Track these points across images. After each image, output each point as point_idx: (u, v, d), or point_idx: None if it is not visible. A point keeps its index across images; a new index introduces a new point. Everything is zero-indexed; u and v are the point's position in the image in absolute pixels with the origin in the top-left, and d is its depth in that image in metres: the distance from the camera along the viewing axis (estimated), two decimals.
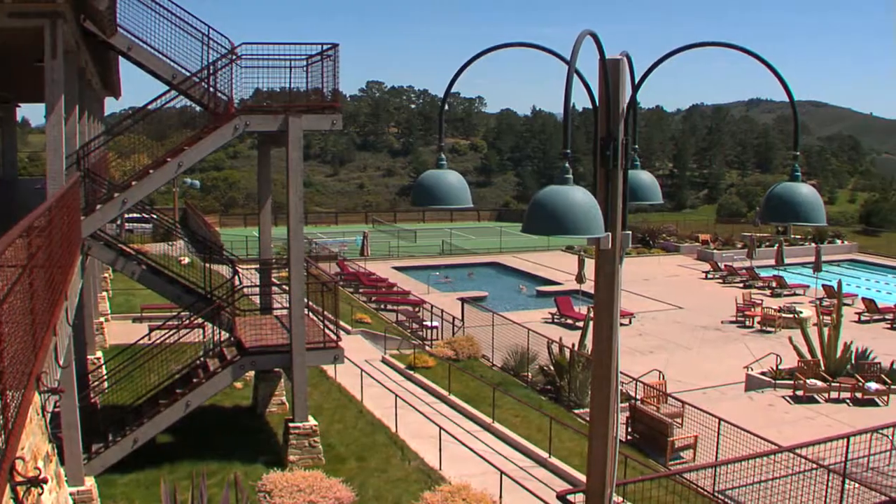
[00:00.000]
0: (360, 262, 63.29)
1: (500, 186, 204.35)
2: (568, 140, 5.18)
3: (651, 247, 79.02)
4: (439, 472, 23.75)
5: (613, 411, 6.41)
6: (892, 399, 32.82)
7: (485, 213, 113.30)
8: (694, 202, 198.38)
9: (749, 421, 27.22)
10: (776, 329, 47.15)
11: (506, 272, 68.64)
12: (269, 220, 28.64)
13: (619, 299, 6.25)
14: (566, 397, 32.37)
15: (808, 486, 20.73)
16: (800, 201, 5.59)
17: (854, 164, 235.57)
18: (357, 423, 27.89)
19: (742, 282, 63.28)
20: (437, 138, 6.75)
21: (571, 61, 5.29)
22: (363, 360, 35.57)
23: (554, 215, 4.94)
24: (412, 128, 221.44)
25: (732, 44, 6.00)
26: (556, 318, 48.91)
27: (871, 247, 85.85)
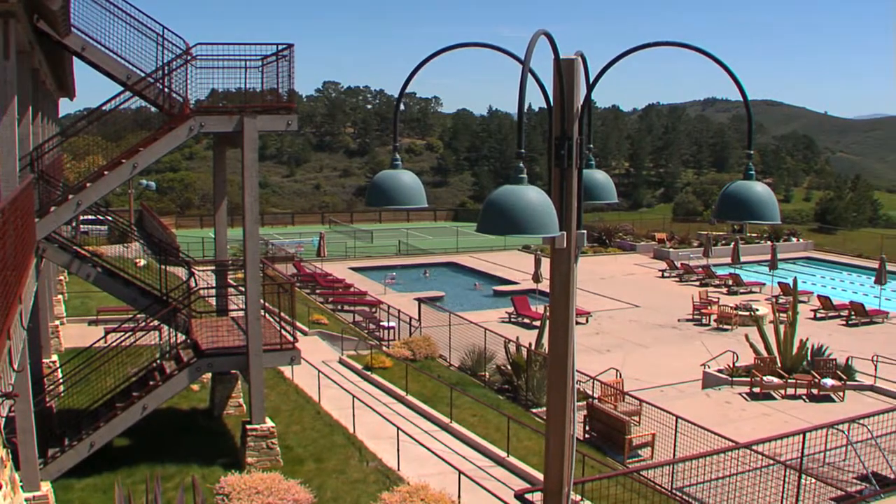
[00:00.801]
0: (316, 263, 63.18)
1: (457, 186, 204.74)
2: (522, 140, 5.19)
3: (607, 246, 79.16)
4: (398, 473, 23.75)
5: (570, 410, 6.42)
6: (847, 395, 33.06)
7: (441, 213, 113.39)
8: (650, 201, 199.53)
9: (706, 418, 27.37)
10: (732, 327, 47.37)
11: (463, 272, 68.64)
12: (224, 222, 28.54)
13: (574, 298, 6.26)
14: (524, 396, 32.43)
15: (765, 482, 20.87)
16: (754, 200, 5.61)
17: (809, 163, 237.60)
18: (315, 424, 27.85)
19: (698, 280, 63.50)
20: (393, 138, 6.75)
21: (525, 61, 5.29)
22: (320, 361, 35.54)
23: (508, 215, 4.94)
24: (368, 128, 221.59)
25: (687, 43, 6.02)
26: (513, 317, 48.96)
27: (827, 244, 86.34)
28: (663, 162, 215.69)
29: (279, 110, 23.92)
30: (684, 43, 6.02)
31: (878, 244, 79.73)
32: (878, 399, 32.36)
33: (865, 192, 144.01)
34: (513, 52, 5.97)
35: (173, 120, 23.34)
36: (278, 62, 24.20)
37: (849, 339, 45.09)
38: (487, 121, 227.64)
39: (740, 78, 5.75)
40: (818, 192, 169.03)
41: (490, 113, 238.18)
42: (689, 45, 6.00)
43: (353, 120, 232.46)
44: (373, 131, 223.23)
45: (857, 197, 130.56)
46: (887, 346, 41.80)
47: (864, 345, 41.91)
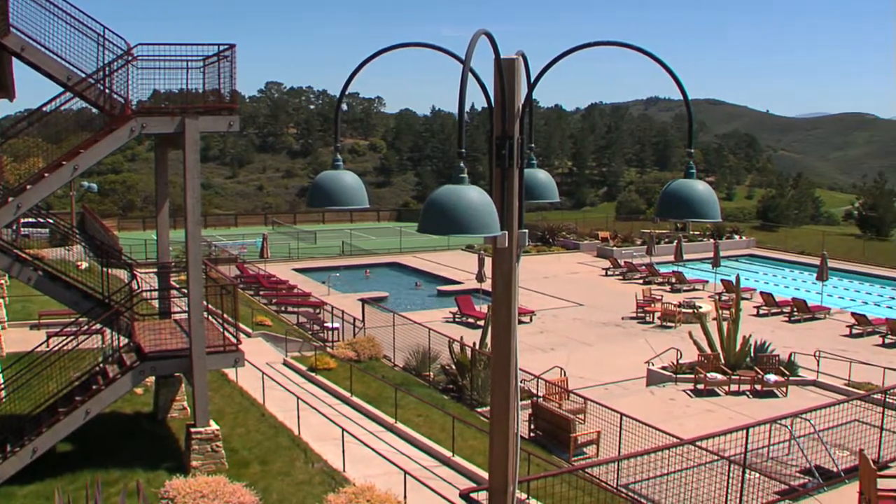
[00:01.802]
0: (259, 265, 63.02)
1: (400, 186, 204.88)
2: (462, 140, 5.20)
3: (551, 245, 79.36)
4: (343, 474, 23.68)
5: (513, 408, 6.43)
6: (790, 390, 33.29)
7: (384, 214, 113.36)
8: (593, 200, 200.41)
9: (651, 415, 27.47)
10: (676, 324, 47.65)
11: (406, 272, 68.60)
12: (166, 223, 28.34)
13: (516, 297, 6.27)
14: (469, 396, 32.43)
15: (709, 478, 20.99)
16: (694, 198, 5.63)
17: (751, 161, 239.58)
18: (259, 426, 27.74)
19: (642, 278, 63.85)
20: (334, 139, 6.72)
21: (466, 61, 5.29)
22: (264, 362, 35.38)
23: (449, 215, 4.94)
24: (311, 129, 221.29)
25: (628, 43, 6.04)
26: (458, 317, 48.99)
27: (769, 242, 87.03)
28: (606, 161, 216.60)
29: (221, 111, 23.78)
30: (625, 42, 6.04)
31: (820, 241, 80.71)
32: (821, 394, 32.59)
33: (807, 189, 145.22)
34: (454, 52, 5.97)
35: (114, 121, 23.15)
36: (220, 63, 24.05)
37: (791, 335, 45.46)
38: (430, 121, 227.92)
39: (681, 77, 5.78)
40: (760, 190, 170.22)
41: (433, 113, 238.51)
42: (630, 44, 6.03)
43: (295, 120, 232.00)
44: (316, 132, 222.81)
45: (799, 195, 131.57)
46: (829, 342, 42.21)
47: (806, 341, 42.25)
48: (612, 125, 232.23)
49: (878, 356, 40.57)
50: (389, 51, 6.24)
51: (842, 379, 34.73)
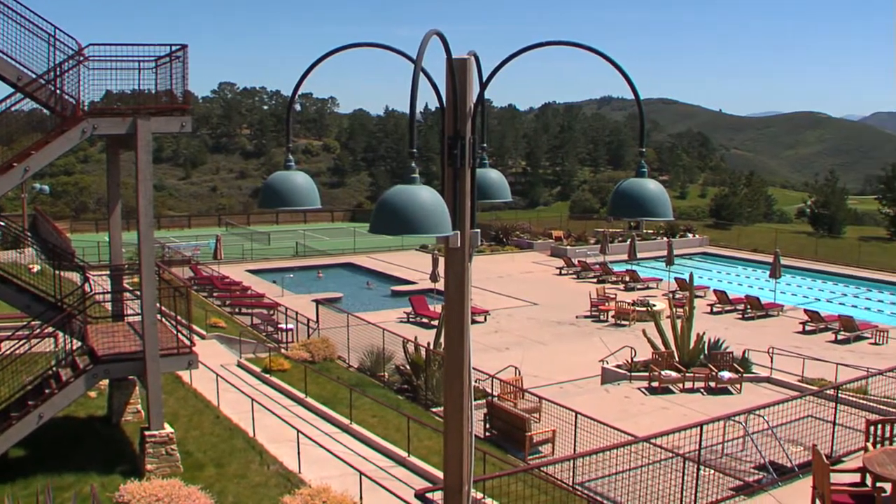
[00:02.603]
0: (213, 266, 62.79)
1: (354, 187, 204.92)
2: (414, 140, 5.19)
3: (505, 244, 79.43)
4: (299, 476, 23.61)
5: (467, 408, 6.43)
6: (744, 387, 33.45)
7: (338, 214, 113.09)
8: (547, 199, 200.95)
9: (606, 413, 27.55)
10: (630, 322, 47.83)
11: (360, 273, 68.46)
12: (119, 225, 28.15)
13: (469, 297, 6.27)
14: (423, 396, 32.43)
15: (665, 475, 21.04)
16: (646, 197, 5.64)
17: (704, 160, 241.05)
18: (214, 428, 27.61)
19: (596, 277, 64.02)
20: (286, 139, 6.70)
21: (417, 61, 5.29)
22: (219, 364, 35.23)
23: (400, 215, 4.94)
24: (265, 129, 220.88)
25: (580, 43, 6.04)
26: (412, 317, 48.99)
27: (722, 240, 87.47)
28: (560, 160, 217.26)
29: (173, 112, 23.64)
30: (577, 42, 6.05)
31: (773, 239, 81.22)
32: (775, 390, 32.75)
33: (759, 187, 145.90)
34: (407, 52, 5.96)
35: (66, 122, 22.97)
36: (172, 63, 23.90)
37: (745, 332, 45.72)
38: (384, 121, 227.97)
39: (635, 77, 5.79)
40: (713, 189, 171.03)
41: (387, 113, 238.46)
42: (582, 44, 6.03)
43: (249, 121, 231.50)
44: (269, 132, 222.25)
45: (752, 193, 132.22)
46: (782, 339, 42.50)
47: (759, 338, 42.49)
48: (566, 124, 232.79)
49: (830, 352, 40.86)
50: (341, 51, 6.23)
51: (795, 375, 34.93)
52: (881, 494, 16.11)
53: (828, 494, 16.03)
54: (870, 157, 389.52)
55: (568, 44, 6.06)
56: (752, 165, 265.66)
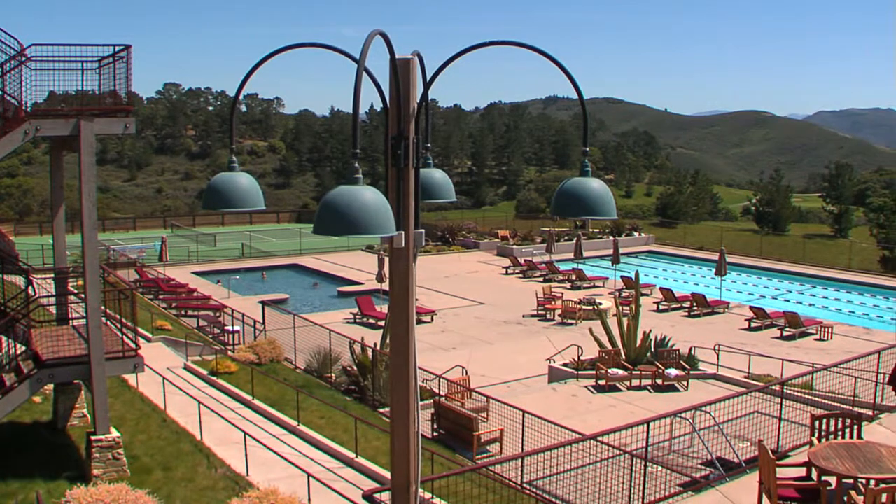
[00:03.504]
0: (159, 268, 62.47)
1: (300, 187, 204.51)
2: (357, 140, 5.18)
3: (451, 244, 79.48)
4: (247, 478, 23.52)
5: (414, 408, 6.42)
6: (691, 384, 33.67)
7: (284, 215, 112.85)
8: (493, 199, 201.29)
9: (553, 412, 27.64)
10: (577, 321, 48.01)
11: (306, 274, 68.34)
12: (63, 228, 27.93)
13: (413, 297, 6.27)
14: (371, 397, 32.40)
15: (613, 472, 21.11)
16: (590, 196, 5.65)
17: (650, 159, 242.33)
18: (161, 432, 27.45)
19: (542, 276, 64.21)
20: (229, 140, 6.67)
21: (360, 61, 5.28)
22: (165, 367, 35.04)
23: (343, 216, 4.93)
24: (210, 130, 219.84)
25: (523, 42, 6.04)
26: (358, 317, 48.94)
27: (668, 238, 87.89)
28: (506, 160, 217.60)
29: (117, 113, 23.47)
30: (521, 42, 6.05)
31: (718, 236, 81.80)
32: (721, 387, 32.95)
33: (705, 186, 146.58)
34: (351, 52, 5.94)
35: (8, 124, 22.76)
36: (115, 63, 23.72)
37: (691, 329, 46.03)
38: (330, 121, 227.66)
39: (580, 77, 5.80)
40: (659, 188, 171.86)
41: (332, 113, 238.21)
42: (526, 44, 6.04)
43: (194, 122, 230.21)
44: (214, 133, 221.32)
45: (697, 191, 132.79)
46: (728, 336, 42.83)
47: (706, 335, 42.81)
48: (512, 124, 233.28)
49: (776, 348, 41.20)
50: (284, 51, 6.20)
51: (741, 371, 35.15)
52: (826, 488, 16.24)
53: (774, 489, 16.14)
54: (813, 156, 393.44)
55: (511, 44, 6.07)
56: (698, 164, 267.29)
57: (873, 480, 15.51)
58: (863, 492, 15.52)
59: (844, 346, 41.32)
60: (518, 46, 6.06)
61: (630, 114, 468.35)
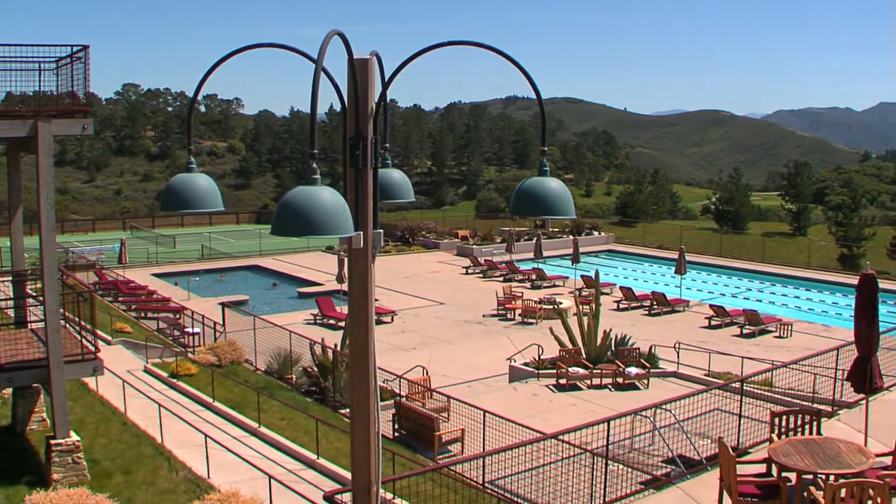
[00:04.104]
0: (118, 270, 62.07)
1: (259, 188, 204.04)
2: (314, 140, 5.17)
3: (411, 244, 79.44)
4: (208, 481, 23.44)
5: (374, 409, 6.42)
6: (651, 382, 33.77)
7: (244, 216, 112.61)
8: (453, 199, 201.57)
9: (514, 411, 27.65)
10: (537, 320, 48.04)
11: (266, 275, 68.13)
12: (20, 230, 27.77)
13: (372, 297, 6.26)
14: (332, 398, 32.35)
15: (574, 470, 21.16)
16: (548, 196, 5.66)
17: (609, 158, 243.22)
18: (122, 435, 27.30)
19: (502, 276, 64.26)
20: (187, 141, 6.64)
21: (318, 61, 5.27)
22: (125, 370, 34.87)
23: (301, 216, 4.92)
24: (169, 131, 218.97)
25: (482, 42, 6.04)
26: (319, 318, 48.81)
27: (628, 237, 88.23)
28: (465, 160, 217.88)
29: (75, 114, 23.33)
30: (479, 42, 6.05)
31: (678, 235, 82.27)
32: (681, 384, 33.07)
33: (664, 185, 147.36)
34: (309, 52, 5.93)
35: None
36: (73, 64, 23.58)
37: (651, 328, 46.16)
38: (289, 122, 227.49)
39: (540, 77, 5.82)
40: (618, 187, 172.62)
41: (292, 114, 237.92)
42: (484, 44, 6.04)
43: (153, 123, 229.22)
44: (174, 134, 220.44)
45: (657, 190, 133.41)
46: (688, 334, 42.96)
47: (666, 333, 42.92)
48: (471, 124, 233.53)
49: (736, 346, 41.35)
50: (243, 52, 6.19)
51: (701, 369, 35.30)
52: (786, 484, 16.34)
53: (734, 486, 16.22)
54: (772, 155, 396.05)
55: (470, 44, 6.07)
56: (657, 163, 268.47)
57: (832, 476, 15.61)
58: (822, 487, 15.63)
59: (804, 344, 41.50)
60: (476, 46, 6.06)
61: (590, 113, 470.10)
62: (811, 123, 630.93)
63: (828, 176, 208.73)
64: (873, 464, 16.22)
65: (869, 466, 15.94)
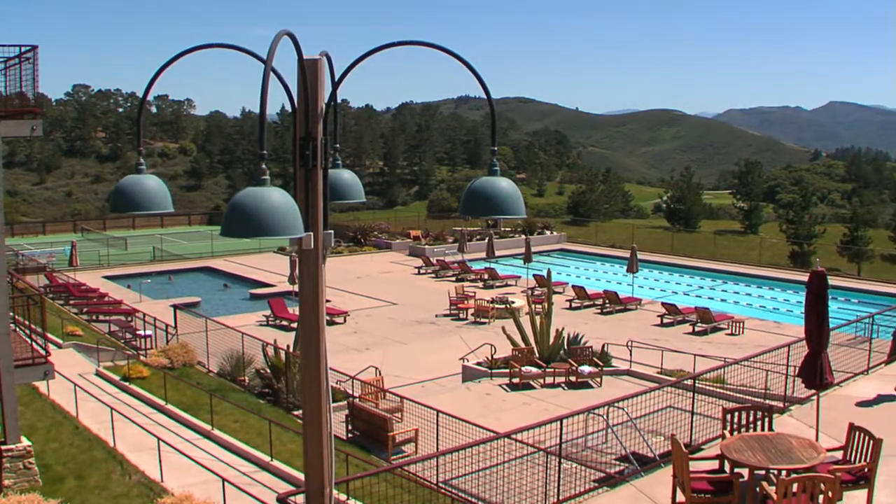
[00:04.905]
0: (69, 273, 61.65)
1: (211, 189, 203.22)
2: (264, 141, 5.15)
3: (363, 245, 79.41)
4: (161, 484, 23.31)
5: (326, 410, 6.40)
6: (604, 380, 33.86)
7: (195, 218, 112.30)
8: (405, 199, 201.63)
9: (468, 410, 27.66)
10: (490, 320, 48.09)
11: (219, 276, 67.88)
12: None
13: (323, 298, 6.25)
14: (285, 399, 32.27)
15: (529, 469, 21.19)
16: (498, 195, 5.67)
17: (561, 158, 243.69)
18: (74, 440, 27.12)
19: (454, 275, 64.32)
20: (137, 142, 6.61)
21: (267, 61, 5.25)
22: (77, 374, 34.61)
23: (251, 217, 4.90)
24: (120, 132, 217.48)
25: (432, 42, 6.04)
26: (271, 320, 48.69)
27: (580, 236, 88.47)
28: (417, 160, 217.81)
29: (24, 115, 23.15)
30: (429, 42, 6.05)
31: (630, 234, 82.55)
32: (634, 382, 33.18)
33: (616, 184, 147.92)
34: (260, 53, 5.91)
35: None
36: (22, 64, 23.41)
37: (604, 326, 46.30)
38: (241, 122, 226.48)
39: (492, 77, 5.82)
40: (571, 186, 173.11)
41: (244, 115, 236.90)
42: (434, 44, 6.04)
43: (104, 124, 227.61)
44: (125, 135, 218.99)
45: (609, 189, 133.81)
46: (641, 332, 43.11)
47: (619, 331, 43.04)
48: (423, 124, 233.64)
49: (688, 344, 41.56)
50: (192, 52, 6.16)
51: (654, 367, 35.45)
52: (739, 480, 16.42)
53: (687, 482, 16.29)
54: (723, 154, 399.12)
55: (420, 44, 6.06)
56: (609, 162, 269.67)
57: (784, 471, 15.71)
58: (774, 482, 15.72)
59: (755, 340, 41.73)
60: (427, 46, 6.06)
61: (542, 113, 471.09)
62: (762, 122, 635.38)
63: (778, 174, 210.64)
64: (824, 458, 16.34)
65: (820, 461, 16.05)
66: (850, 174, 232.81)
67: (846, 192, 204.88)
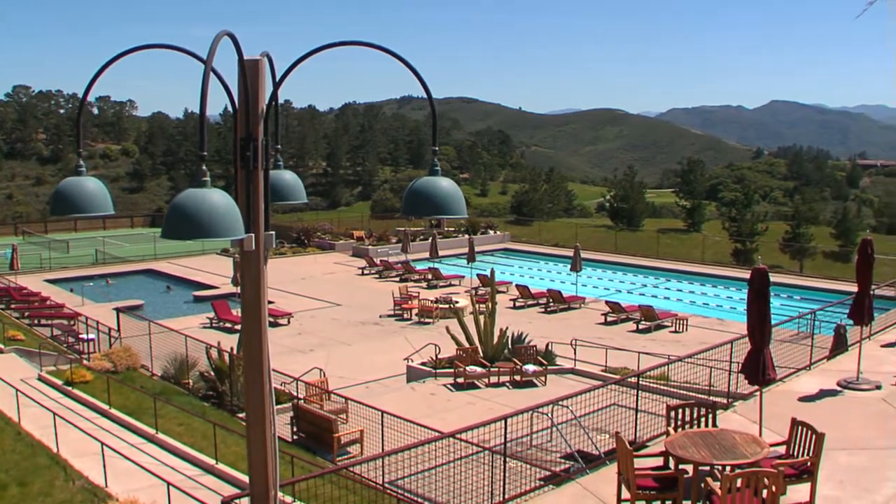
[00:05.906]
0: (10, 277, 61.14)
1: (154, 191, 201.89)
2: (204, 142, 5.14)
3: (307, 246, 79.27)
4: (106, 490, 23.13)
5: (269, 412, 6.39)
6: (549, 379, 33.98)
7: (138, 220, 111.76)
8: (349, 199, 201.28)
9: (413, 411, 27.67)
10: (434, 320, 48.13)
11: (162, 279, 67.46)
12: None
13: (265, 299, 6.23)
14: (229, 402, 32.15)
15: (473, 468, 21.20)
16: (438, 195, 5.69)
17: (505, 158, 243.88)
18: (16, 446, 26.87)
19: (398, 276, 64.39)
20: (76, 144, 6.56)
21: (207, 62, 5.23)
22: (18, 379, 34.30)
23: (191, 219, 4.89)
24: (62, 134, 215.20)
25: (372, 43, 6.04)
26: (215, 322, 48.52)
27: (524, 236, 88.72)
28: (360, 160, 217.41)
29: None
30: (370, 42, 6.05)
31: (573, 233, 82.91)
32: (579, 381, 33.29)
33: (560, 183, 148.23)
34: (201, 53, 5.88)
35: None
36: None
37: (548, 325, 46.43)
38: (183, 124, 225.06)
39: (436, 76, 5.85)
40: (514, 186, 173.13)
41: (186, 115, 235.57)
42: (375, 44, 6.04)
43: (45, 126, 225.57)
44: (66, 137, 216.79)
45: (552, 189, 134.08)
46: (585, 330, 43.25)
47: (563, 330, 43.16)
48: (366, 124, 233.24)
49: (632, 342, 41.74)
50: (132, 52, 6.13)
51: (598, 365, 35.59)
52: (683, 476, 16.50)
53: (632, 479, 16.35)
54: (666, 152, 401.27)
55: (361, 44, 6.06)
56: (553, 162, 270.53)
57: (728, 467, 15.79)
58: (719, 478, 15.82)
59: (699, 338, 42.01)
60: (367, 47, 6.06)
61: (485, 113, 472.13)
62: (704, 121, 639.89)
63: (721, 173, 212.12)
64: (768, 453, 16.46)
65: (764, 456, 16.17)
66: (791, 172, 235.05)
67: (788, 190, 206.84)
